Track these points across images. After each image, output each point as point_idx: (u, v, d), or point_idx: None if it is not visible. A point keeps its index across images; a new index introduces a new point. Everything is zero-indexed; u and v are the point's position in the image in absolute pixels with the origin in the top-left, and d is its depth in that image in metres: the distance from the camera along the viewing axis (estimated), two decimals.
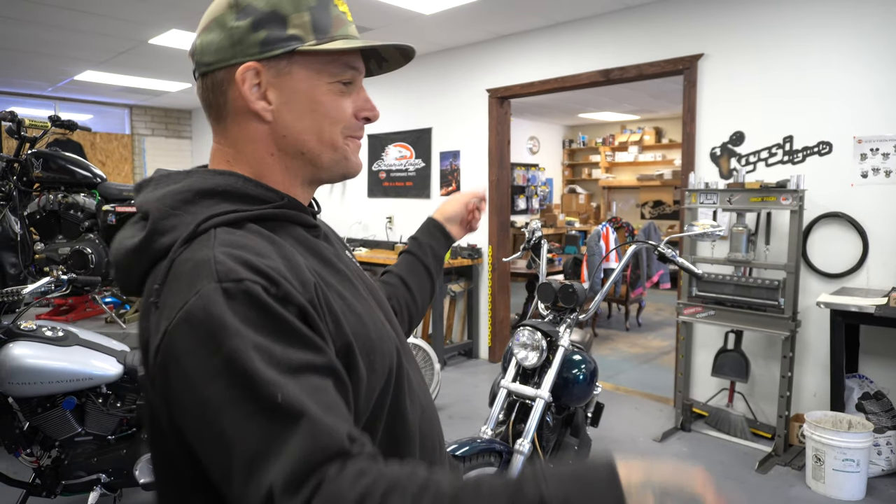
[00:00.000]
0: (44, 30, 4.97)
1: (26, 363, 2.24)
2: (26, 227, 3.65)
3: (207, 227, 0.72)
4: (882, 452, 3.17)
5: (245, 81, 0.77)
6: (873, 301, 3.07)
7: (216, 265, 0.66)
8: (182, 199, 0.75)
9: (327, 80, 0.80)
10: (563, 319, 2.48)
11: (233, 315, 0.63)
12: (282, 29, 0.77)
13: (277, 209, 0.78)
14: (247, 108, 0.78)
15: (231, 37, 0.77)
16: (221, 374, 0.61)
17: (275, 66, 0.78)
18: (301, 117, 0.80)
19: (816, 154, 3.56)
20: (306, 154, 0.81)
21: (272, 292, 0.66)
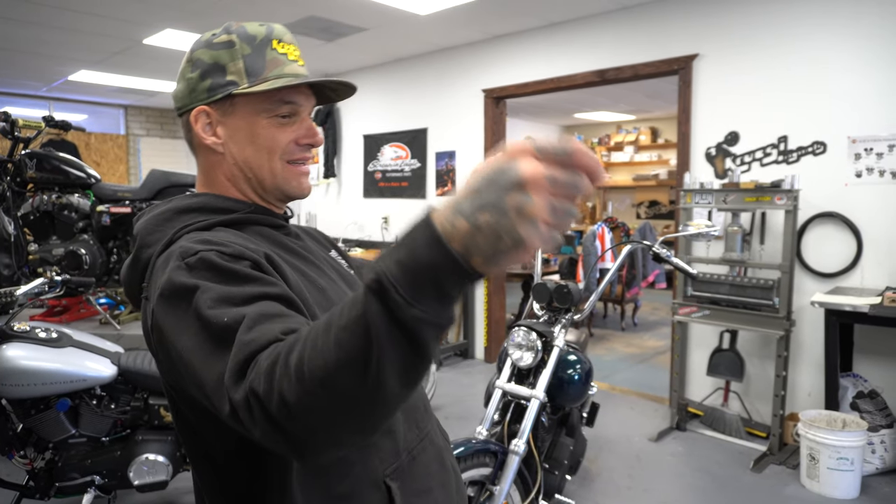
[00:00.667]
0: (38, 29, 4.95)
1: (20, 365, 2.23)
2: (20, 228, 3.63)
3: (181, 235, 0.87)
4: (876, 451, 3.18)
5: (198, 122, 0.94)
6: (867, 300, 3.08)
7: (179, 250, 0.81)
8: (163, 217, 0.91)
9: (265, 116, 0.93)
10: (558, 320, 2.49)
11: (193, 280, 0.75)
12: (222, 76, 0.92)
13: (244, 215, 0.94)
14: (203, 143, 0.95)
15: (188, 86, 0.94)
16: (190, 324, 0.73)
17: (221, 107, 0.93)
18: (244, 148, 0.94)
19: (811, 154, 3.57)
20: (252, 179, 0.96)
21: (225, 253, 0.79)
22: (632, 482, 3.18)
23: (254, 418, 0.62)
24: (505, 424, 2.37)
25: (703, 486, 3.15)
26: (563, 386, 2.45)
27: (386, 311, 0.54)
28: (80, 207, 3.71)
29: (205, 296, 0.73)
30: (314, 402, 0.58)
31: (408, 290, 0.54)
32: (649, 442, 3.68)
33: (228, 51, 0.92)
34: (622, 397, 4.50)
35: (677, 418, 3.86)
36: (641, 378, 4.96)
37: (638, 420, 4.04)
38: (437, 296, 0.55)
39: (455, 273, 0.54)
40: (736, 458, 3.45)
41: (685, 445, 3.64)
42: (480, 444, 2.14)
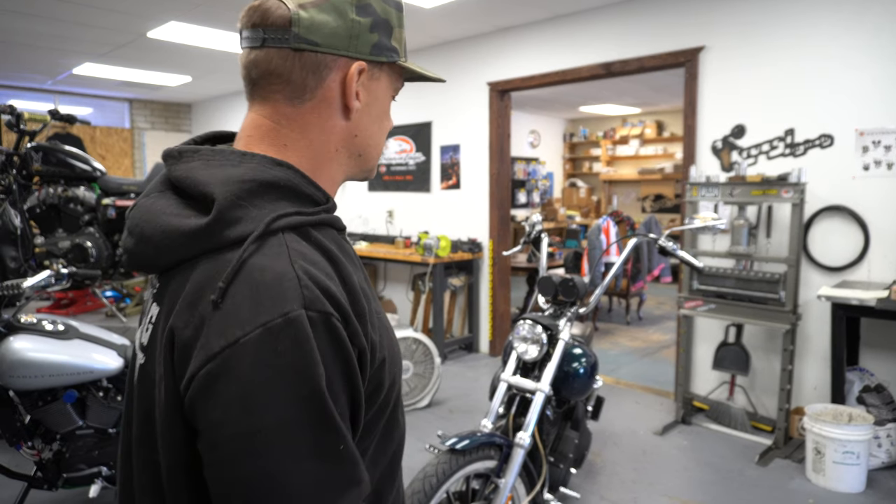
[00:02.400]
0: (43, 22, 4.96)
1: (27, 356, 2.24)
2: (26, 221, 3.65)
3: (275, 229, 0.68)
4: (882, 445, 3.17)
5: (355, 77, 0.77)
6: (874, 294, 3.06)
7: (303, 289, 0.63)
8: (248, 189, 0.69)
9: (391, 93, 0.85)
10: (563, 313, 2.48)
11: (318, 351, 0.62)
12: (388, 38, 0.80)
13: (326, 213, 0.76)
14: (338, 100, 0.77)
15: (351, 29, 0.76)
16: (292, 408, 0.60)
17: (372, 70, 0.80)
18: (373, 122, 0.82)
19: (818, 147, 3.55)
20: (363, 156, 0.83)
21: (348, 330, 0.66)
22: (637, 476, 3.18)
23: None
24: (510, 417, 2.37)
25: (709, 480, 3.14)
26: (569, 379, 2.45)
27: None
28: (85, 200, 3.73)
29: (325, 387, 0.62)
30: None
31: None
32: (654, 436, 3.68)
33: (398, 13, 0.82)
34: (627, 391, 4.50)
35: (682, 412, 3.86)
36: (646, 372, 4.96)
37: (643, 414, 4.04)
38: None
39: None
40: (741, 451, 3.45)
41: (690, 439, 3.63)
42: (485, 436, 2.14)
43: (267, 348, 0.60)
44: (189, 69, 6.76)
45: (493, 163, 5.29)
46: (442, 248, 5.12)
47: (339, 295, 0.66)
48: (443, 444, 2.06)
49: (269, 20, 0.73)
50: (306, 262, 0.66)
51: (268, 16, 0.74)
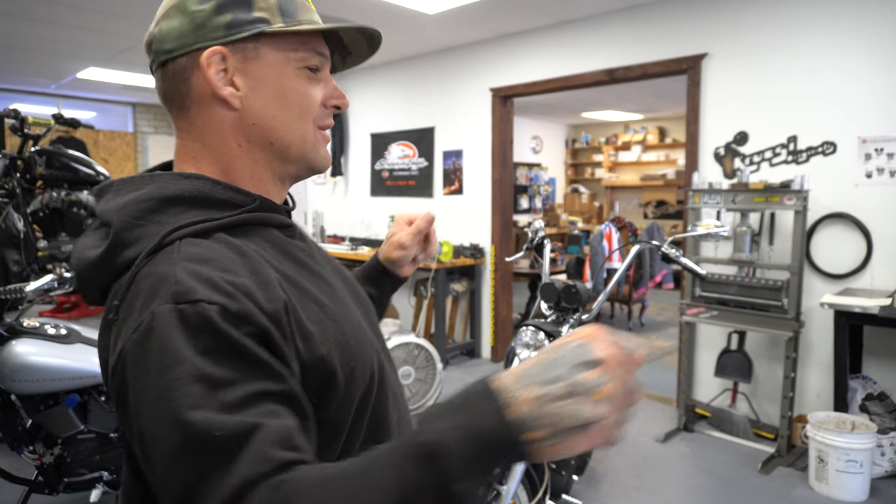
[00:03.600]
0: (46, 27, 4.98)
1: (29, 361, 2.24)
2: (29, 225, 3.65)
3: (173, 239, 0.68)
4: (885, 453, 3.16)
5: (210, 66, 0.73)
6: (877, 302, 3.06)
7: (175, 284, 0.62)
8: (145, 207, 0.70)
9: (295, 66, 0.77)
10: (565, 319, 2.48)
11: (184, 341, 0.59)
12: (247, 11, 0.74)
13: (249, 213, 0.75)
14: (213, 94, 0.74)
15: (193, 21, 0.73)
16: (164, 410, 0.57)
17: (241, 50, 0.74)
18: (270, 104, 0.76)
19: (821, 154, 3.55)
20: (275, 144, 0.78)
21: (231, 311, 0.61)
22: (639, 483, 3.17)
23: None
24: None
25: (711, 488, 3.13)
26: None
27: (438, 483, 0.51)
28: (89, 204, 3.74)
29: (193, 389, 0.57)
30: None
31: (465, 463, 0.51)
32: (656, 443, 3.67)
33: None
34: None
35: (685, 419, 3.84)
36: (649, 379, 4.94)
37: (645, 421, 4.03)
38: (488, 467, 0.52)
39: (512, 451, 0.52)
40: (744, 459, 3.43)
41: (692, 446, 3.62)
42: None
43: (138, 351, 0.61)
44: None
45: (496, 168, 5.29)
46: (444, 253, 5.12)
47: (225, 281, 0.63)
48: None
49: (146, 48, 0.78)
50: (196, 261, 0.65)
51: (146, 46, 0.78)
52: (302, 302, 0.71)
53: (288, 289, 0.70)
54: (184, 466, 0.56)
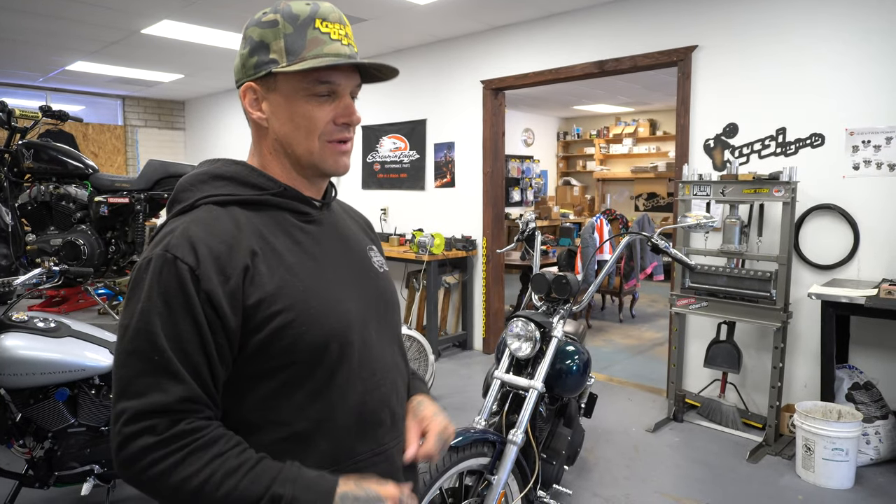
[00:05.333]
0: (34, 19, 4.93)
1: (18, 354, 2.23)
2: (17, 219, 3.63)
3: (201, 203, 0.96)
4: (871, 442, 3.20)
5: (246, 96, 1.00)
6: (864, 292, 3.09)
7: (172, 237, 0.90)
8: (199, 179, 1.00)
9: (303, 94, 0.97)
10: (556, 310, 2.49)
11: (159, 281, 0.87)
12: (266, 54, 0.96)
13: (271, 195, 0.99)
14: (250, 117, 1.01)
15: (240, 61, 1.00)
16: (132, 317, 0.87)
17: (265, 84, 0.98)
18: (284, 124, 0.98)
19: (809, 146, 3.58)
20: (291, 154, 1.00)
21: (195, 273, 0.87)
22: (629, 472, 3.20)
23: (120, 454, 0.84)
24: (503, 415, 2.38)
25: (700, 477, 3.17)
26: (562, 376, 2.46)
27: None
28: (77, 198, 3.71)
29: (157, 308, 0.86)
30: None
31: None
32: (647, 433, 3.70)
33: (272, 29, 0.96)
34: (620, 388, 4.52)
35: (675, 409, 3.88)
36: (639, 369, 4.98)
37: (635, 411, 4.06)
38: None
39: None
40: (732, 448, 3.47)
41: (682, 436, 3.66)
42: (479, 433, 2.15)
43: (137, 274, 0.90)
44: (182, 67, 6.73)
45: (487, 161, 5.29)
46: (436, 245, 5.12)
47: (205, 247, 0.88)
48: None
49: None
50: (197, 223, 0.92)
51: None
52: (274, 269, 0.93)
53: (265, 257, 0.93)
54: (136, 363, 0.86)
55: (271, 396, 0.92)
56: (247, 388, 0.92)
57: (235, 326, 0.88)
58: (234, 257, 0.90)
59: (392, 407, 1.05)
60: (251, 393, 0.92)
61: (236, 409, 0.92)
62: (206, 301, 0.86)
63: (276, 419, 0.92)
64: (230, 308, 0.88)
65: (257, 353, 0.90)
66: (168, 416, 0.84)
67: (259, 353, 0.90)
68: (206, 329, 0.87)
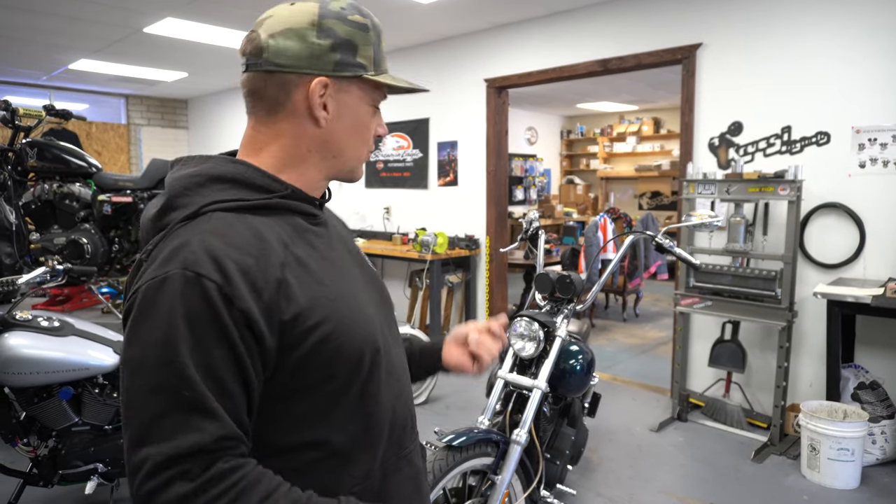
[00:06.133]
0: (37, 17, 4.93)
1: (22, 353, 2.23)
2: (21, 217, 3.63)
3: (207, 211, 0.84)
4: (877, 442, 3.19)
5: (316, 91, 0.90)
6: (870, 291, 3.07)
7: (189, 252, 0.78)
8: (195, 182, 0.87)
9: (368, 103, 0.96)
10: (560, 310, 2.48)
11: (183, 304, 0.75)
12: (352, 56, 0.92)
13: (280, 199, 0.90)
14: (307, 111, 0.91)
15: (311, 50, 0.89)
16: (150, 348, 0.75)
17: (339, 83, 0.92)
18: (346, 129, 0.95)
19: (815, 144, 3.56)
20: (338, 158, 0.96)
21: (224, 292, 0.77)
22: (633, 472, 3.19)
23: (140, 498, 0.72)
24: (507, 414, 2.37)
25: (704, 477, 3.15)
26: (565, 376, 2.45)
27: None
28: (81, 197, 3.71)
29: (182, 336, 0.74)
30: None
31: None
32: (650, 432, 3.69)
33: (363, 34, 0.93)
34: (624, 388, 4.51)
35: (679, 409, 3.87)
36: (643, 369, 4.97)
37: (639, 411, 4.05)
38: None
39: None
40: (737, 448, 3.46)
41: (686, 436, 3.64)
42: (482, 433, 2.14)
43: (149, 296, 0.77)
44: (185, 65, 6.73)
45: (491, 159, 5.28)
46: (439, 244, 5.12)
47: (231, 262, 0.78)
48: (440, 441, 2.07)
49: (249, 49, 0.91)
50: (214, 235, 0.80)
51: (248, 45, 0.92)
52: (303, 279, 0.85)
53: (292, 268, 0.85)
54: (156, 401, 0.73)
55: (308, 415, 0.86)
56: (280, 410, 0.84)
57: (272, 346, 0.80)
58: (265, 270, 0.81)
59: (412, 410, 1.04)
60: (285, 415, 0.84)
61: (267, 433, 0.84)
62: (240, 322, 0.77)
63: (312, 439, 0.86)
64: (267, 327, 0.79)
65: (294, 371, 0.83)
66: (203, 457, 0.73)
67: (296, 371, 0.83)
68: (244, 353, 0.77)
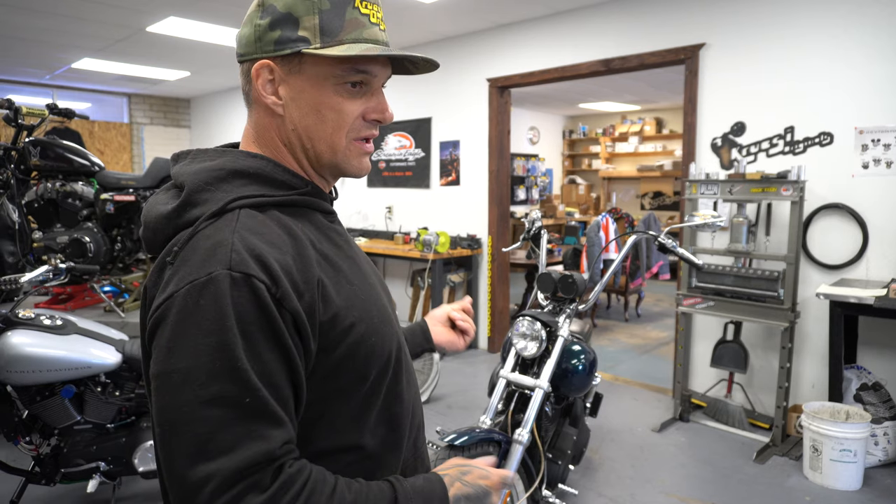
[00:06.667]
0: (40, 17, 4.93)
1: (25, 351, 2.24)
2: (24, 216, 3.63)
3: (234, 207, 0.78)
4: (879, 443, 3.18)
5: (259, 76, 0.83)
6: (872, 292, 3.07)
7: (232, 252, 0.72)
8: (216, 176, 0.81)
9: (334, 82, 0.83)
10: (562, 310, 2.48)
11: (233, 306, 0.70)
12: (294, 30, 0.81)
13: (301, 195, 0.85)
14: (261, 100, 0.85)
15: (255, 33, 0.83)
16: (202, 356, 0.69)
17: (287, 63, 0.82)
18: (307, 115, 0.84)
19: (818, 145, 3.55)
20: (312, 149, 0.86)
21: (273, 292, 0.72)
22: (634, 472, 3.19)
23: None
24: (509, 414, 2.37)
25: (706, 477, 3.15)
26: (568, 376, 2.45)
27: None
28: (84, 195, 3.71)
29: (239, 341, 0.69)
30: None
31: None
32: (652, 432, 3.68)
33: (305, 2, 0.81)
34: (625, 388, 4.50)
35: (680, 409, 3.86)
36: (645, 369, 4.96)
37: (641, 411, 4.04)
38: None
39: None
40: (739, 449, 3.45)
41: (688, 436, 3.64)
42: (484, 432, 2.14)
43: (191, 301, 0.70)
44: (188, 64, 6.73)
45: (493, 159, 5.28)
46: (441, 244, 5.12)
47: (275, 261, 0.74)
48: (442, 440, 2.07)
49: None
50: (250, 232, 0.75)
51: None
52: (335, 279, 0.82)
53: (324, 267, 0.81)
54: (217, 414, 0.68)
55: (342, 418, 0.82)
56: (316, 414, 0.80)
57: (315, 348, 0.77)
58: (305, 270, 0.77)
59: (421, 407, 1.02)
60: (320, 419, 0.81)
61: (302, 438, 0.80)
62: (290, 323, 0.73)
63: (346, 443, 0.83)
64: (311, 328, 0.76)
65: (332, 373, 0.79)
66: (272, 465, 0.70)
67: (334, 373, 0.80)
68: (295, 356, 0.74)
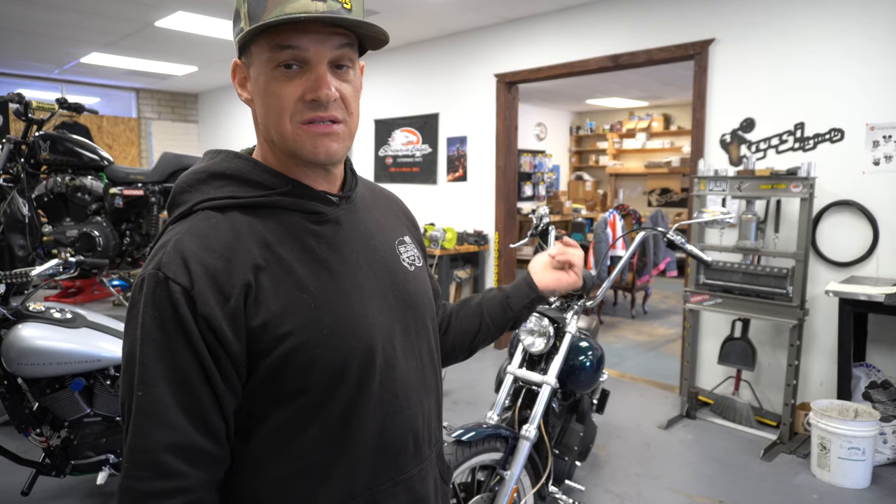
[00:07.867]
0: (50, 11, 4.95)
1: (35, 344, 2.26)
2: (34, 210, 3.66)
3: (198, 209, 0.83)
4: (888, 441, 3.16)
5: (235, 76, 0.87)
6: (882, 290, 3.05)
7: (163, 254, 0.78)
8: (198, 178, 0.86)
9: (270, 67, 0.80)
10: (570, 306, 2.48)
11: (153, 304, 0.76)
12: (238, 23, 0.82)
13: (279, 196, 0.84)
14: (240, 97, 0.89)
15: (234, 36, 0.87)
16: (126, 343, 0.79)
17: (245, 58, 0.84)
18: (261, 105, 0.83)
19: (828, 141, 3.52)
20: (273, 140, 0.85)
21: (189, 295, 0.76)
22: (641, 469, 3.19)
23: None
24: (516, 410, 2.37)
25: (713, 474, 3.14)
26: (575, 372, 2.45)
27: None
28: (93, 189, 3.74)
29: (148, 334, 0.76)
30: None
31: None
32: (659, 429, 3.68)
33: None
34: (632, 385, 4.50)
35: (687, 406, 3.85)
36: (652, 366, 4.95)
37: (648, 407, 4.04)
38: None
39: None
40: (746, 446, 3.44)
41: (695, 433, 3.63)
42: (491, 428, 2.14)
43: (133, 295, 0.79)
44: (196, 59, 6.75)
45: (500, 155, 5.27)
46: (448, 240, 5.11)
47: (199, 265, 0.77)
48: (448, 436, 2.07)
49: None
50: (193, 235, 0.79)
51: None
52: (279, 285, 0.80)
53: (269, 272, 0.80)
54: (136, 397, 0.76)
55: (284, 426, 0.82)
56: (258, 416, 0.82)
57: (239, 351, 0.78)
58: (233, 274, 0.78)
59: (417, 431, 0.93)
60: (263, 422, 0.82)
61: (247, 439, 0.83)
62: (204, 326, 0.76)
63: (290, 451, 0.82)
64: (232, 331, 0.77)
65: (267, 379, 0.80)
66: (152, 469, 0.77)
67: (269, 379, 0.80)
68: (207, 357, 0.76)
